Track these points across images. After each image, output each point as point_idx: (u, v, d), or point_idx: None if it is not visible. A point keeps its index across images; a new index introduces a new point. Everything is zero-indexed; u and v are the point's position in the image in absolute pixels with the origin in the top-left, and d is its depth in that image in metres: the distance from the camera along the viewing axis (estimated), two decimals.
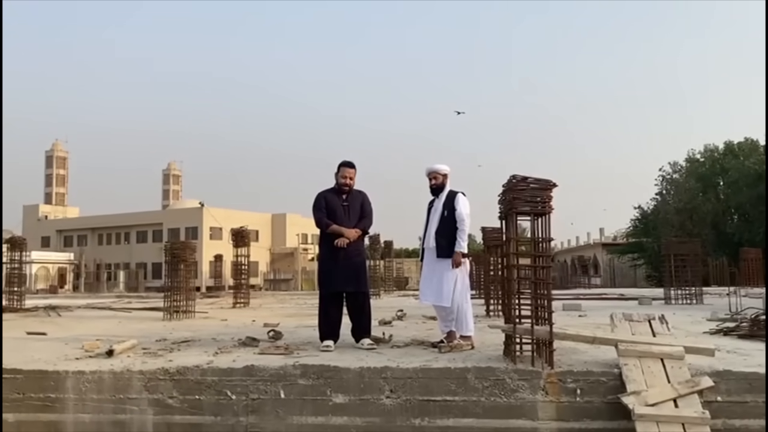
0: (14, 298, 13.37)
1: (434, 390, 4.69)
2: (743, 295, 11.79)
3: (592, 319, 8.81)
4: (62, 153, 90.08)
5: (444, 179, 6.09)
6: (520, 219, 5.04)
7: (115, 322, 9.95)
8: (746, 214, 35.62)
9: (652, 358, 4.59)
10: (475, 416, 4.61)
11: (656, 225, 38.01)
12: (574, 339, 5.03)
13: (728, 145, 40.33)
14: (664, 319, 5.38)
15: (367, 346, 5.89)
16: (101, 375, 4.91)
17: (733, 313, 9.10)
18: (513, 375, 4.66)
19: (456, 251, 5.84)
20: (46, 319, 10.74)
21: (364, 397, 4.72)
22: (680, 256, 13.57)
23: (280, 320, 9.09)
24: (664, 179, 41.34)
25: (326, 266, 6.21)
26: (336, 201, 6.21)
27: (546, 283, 4.89)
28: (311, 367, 4.87)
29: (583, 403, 4.55)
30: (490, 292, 10.24)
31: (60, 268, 58.36)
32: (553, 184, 4.92)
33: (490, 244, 10.29)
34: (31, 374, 4.96)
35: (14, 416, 4.86)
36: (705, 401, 4.30)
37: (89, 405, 4.85)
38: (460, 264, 5.88)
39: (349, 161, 6.30)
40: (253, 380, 4.83)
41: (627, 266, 44.73)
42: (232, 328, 8.23)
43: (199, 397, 4.82)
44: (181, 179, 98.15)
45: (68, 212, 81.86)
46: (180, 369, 4.93)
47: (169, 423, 4.80)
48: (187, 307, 10.52)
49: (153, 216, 66.53)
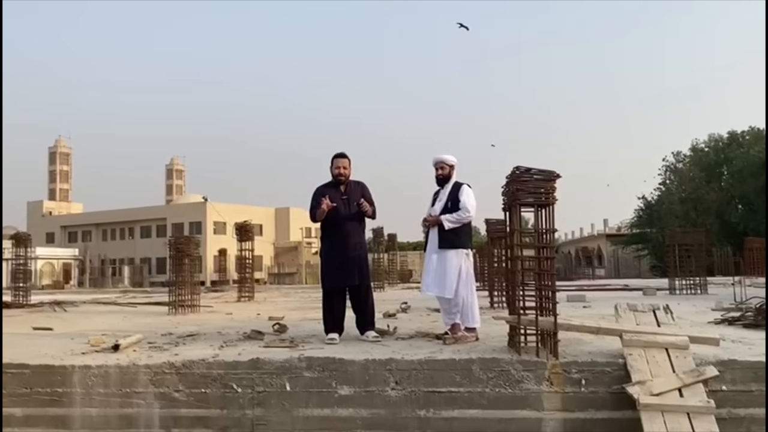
0: (20, 294, 13.43)
1: (439, 381, 4.70)
2: (748, 285, 11.79)
3: (596, 310, 8.81)
4: (65, 149, 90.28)
5: (450, 170, 6.06)
6: (523, 210, 5.04)
7: (120, 317, 9.98)
8: (751, 204, 35.45)
9: (656, 348, 4.59)
10: (480, 407, 4.62)
11: (660, 215, 37.90)
12: (578, 330, 5.04)
13: (732, 135, 40.15)
14: (668, 309, 5.38)
15: (371, 338, 5.91)
16: (107, 369, 4.93)
17: (738, 302, 9.09)
18: (518, 366, 4.67)
19: (440, 219, 5.82)
20: (52, 314, 10.78)
21: (370, 388, 4.74)
22: (684, 246, 13.55)
23: (284, 314, 9.11)
24: (668, 169, 41.25)
25: (328, 260, 6.20)
26: (335, 195, 6.16)
27: (550, 274, 4.89)
28: (316, 360, 4.88)
29: (588, 393, 4.56)
30: (494, 284, 10.24)
31: (65, 264, 58.48)
32: (556, 175, 4.90)
33: (493, 235, 10.30)
34: (38, 369, 4.98)
35: (22, 410, 4.89)
36: (710, 391, 4.30)
37: (96, 399, 4.87)
38: (431, 223, 5.89)
39: (341, 152, 6.26)
40: (259, 373, 4.85)
41: (631, 257, 44.68)
42: (237, 322, 8.25)
43: (205, 391, 4.84)
44: (184, 174, 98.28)
45: (72, 208, 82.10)
46: (186, 363, 4.95)
47: (175, 416, 4.83)
48: (191, 302, 10.55)
49: (157, 211, 66.61)
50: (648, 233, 40.34)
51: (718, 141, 40.60)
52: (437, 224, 5.87)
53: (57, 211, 78.84)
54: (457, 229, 5.85)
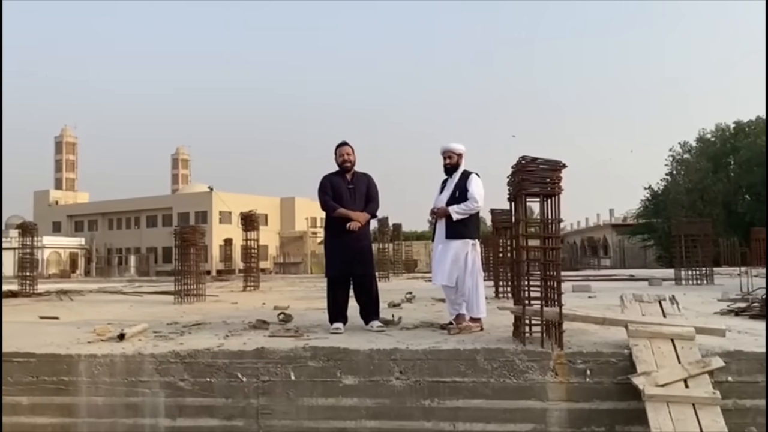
0: (27, 283, 13.51)
1: (444, 371, 4.70)
2: (754, 276, 11.72)
3: (601, 301, 8.79)
4: (71, 138, 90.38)
5: (459, 159, 6.01)
6: (529, 201, 5.01)
7: (126, 306, 10.02)
8: (758, 194, 35.21)
9: (662, 339, 4.57)
10: (484, 397, 4.62)
11: (666, 205, 37.76)
12: (583, 320, 5.03)
13: (739, 125, 39.93)
14: (674, 300, 5.36)
15: (376, 328, 5.91)
16: (113, 358, 4.95)
17: (744, 293, 9.06)
18: (522, 356, 4.66)
19: (448, 210, 5.80)
20: (58, 303, 10.84)
21: (374, 378, 4.74)
22: (691, 236, 13.50)
23: (289, 303, 9.13)
24: (674, 159, 41.09)
25: (332, 250, 6.20)
26: (341, 184, 6.17)
27: (555, 264, 4.86)
28: (321, 350, 4.89)
29: (593, 383, 4.55)
30: (499, 274, 10.23)
31: (71, 253, 58.77)
32: (562, 165, 4.87)
33: (499, 226, 10.27)
34: (44, 358, 5.01)
35: (28, 399, 4.92)
36: (715, 381, 4.28)
37: (102, 388, 4.89)
38: (438, 215, 5.88)
39: (343, 141, 6.27)
40: (264, 363, 4.85)
41: (637, 247, 44.57)
42: (243, 312, 8.27)
43: (210, 380, 4.85)
44: (189, 163, 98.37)
45: (78, 197, 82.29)
46: (191, 352, 4.96)
47: (180, 405, 4.85)
48: (197, 291, 10.59)
49: (162, 201, 66.79)
50: (654, 223, 40.24)
51: (725, 131, 40.39)
52: (445, 215, 5.85)
53: (63, 201, 79.06)
54: (464, 219, 5.82)
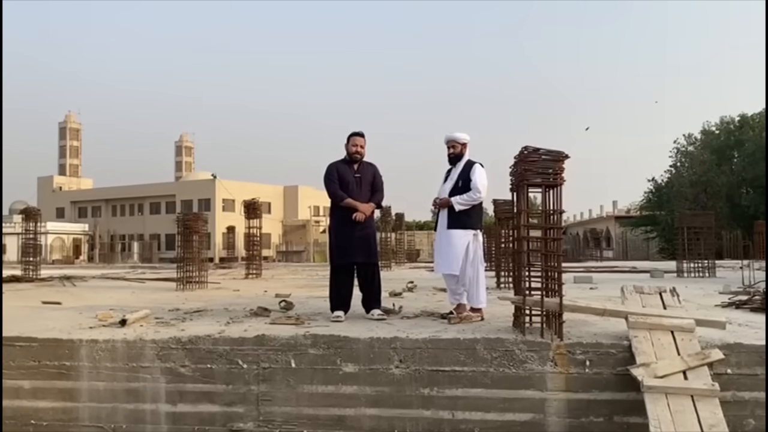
0: (30, 269, 13.57)
1: (443, 360, 4.71)
2: (757, 269, 11.72)
3: (603, 292, 8.80)
4: (75, 125, 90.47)
5: (462, 148, 5.98)
6: (531, 191, 5.00)
7: (128, 292, 10.06)
8: (761, 187, 35.08)
9: (662, 331, 4.58)
10: (483, 387, 4.63)
11: (670, 198, 37.64)
12: (583, 311, 5.03)
13: (743, 117, 39.71)
14: (675, 292, 5.35)
15: (377, 316, 5.92)
16: (114, 344, 4.98)
17: (746, 286, 9.05)
18: (522, 346, 4.67)
19: (450, 201, 5.79)
20: (61, 288, 10.87)
21: (374, 366, 4.76)
22: (694, 228, 13.47)
23: (291, 291, 9.15)
24: (678, 151, 40.87)
25: (337, 238, 6.21)
26: (348, 172, 6.18)
27: (556, 255, 4.86)
28: (322, 337, 4.90)
29: (592, 374, 4.56)
30: (500, 265, 10.24)
31: (75, 239, 58.97)
32: (565, 155, 4.86)
33: (501, 216, 10.27)
34: (46, 342, 5.03)
35: (30, 383, 4.95)
36: (715, 374, 4.29)
37: (103, 373, 4.92)
38: (441, 205, 5.89)
39: (358, 131, 6.25)
40: (264, 350, 4.88)
41: (640, 239, 44.47)
42: (244, 299, 8.30)
43: (211, 366, 4.88)
44: (193, 151, 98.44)
45: (82, 183, 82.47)
46: (192, 338, 4.98)
47: (181, 391, 4.87)
48: (199, 278, 10.61)
49: (166, 188, 66.87)
50: (657, 216, 40.10)
51: (729, 124, 40.16)
52: (447, 205, 5.84)
53: (67, 187, 79.22)
54: (467, 209, 5.82)
